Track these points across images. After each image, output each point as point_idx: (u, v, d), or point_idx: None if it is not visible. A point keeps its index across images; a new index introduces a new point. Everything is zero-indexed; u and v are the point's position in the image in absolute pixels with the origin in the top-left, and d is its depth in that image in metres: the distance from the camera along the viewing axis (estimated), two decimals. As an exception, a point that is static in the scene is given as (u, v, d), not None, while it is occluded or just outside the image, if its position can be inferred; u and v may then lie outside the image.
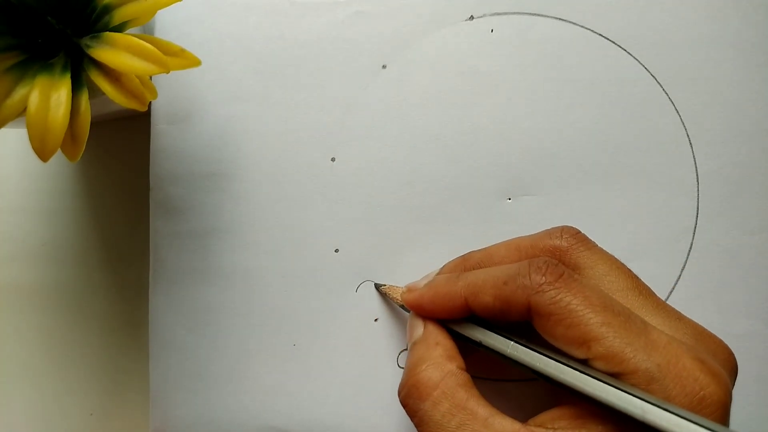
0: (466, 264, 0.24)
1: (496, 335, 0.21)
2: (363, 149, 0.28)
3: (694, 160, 0.27)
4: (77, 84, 0.21)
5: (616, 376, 0.18)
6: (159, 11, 0.28)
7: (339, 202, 0.28)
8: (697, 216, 0.27)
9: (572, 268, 0.21)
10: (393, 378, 0.27)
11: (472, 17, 0.28)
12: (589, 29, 0.28)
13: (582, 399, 0.18)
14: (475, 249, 0.25)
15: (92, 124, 0.21)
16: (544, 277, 0.19)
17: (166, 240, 0.29)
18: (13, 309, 0.33)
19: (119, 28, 0.22)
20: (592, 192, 0.27)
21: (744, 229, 0.27)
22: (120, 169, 0.33)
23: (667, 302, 0.20)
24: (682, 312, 0.21)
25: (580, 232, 0.22)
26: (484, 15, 0.28)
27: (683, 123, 0.27)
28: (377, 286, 0.27)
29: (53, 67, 0.21)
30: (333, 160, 0.28)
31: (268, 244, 0.28)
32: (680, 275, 0.27)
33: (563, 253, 0.21)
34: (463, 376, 0.21)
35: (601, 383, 0.18)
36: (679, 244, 0.27)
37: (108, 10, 0.22)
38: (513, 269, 0.20)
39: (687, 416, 0.16)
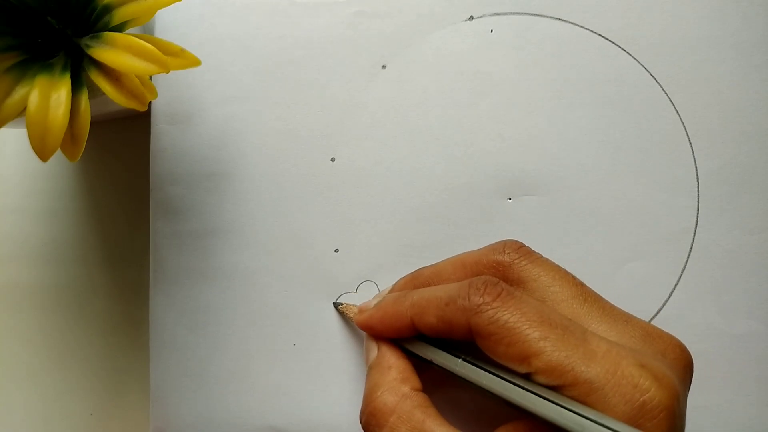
0: (415, 282, 0.25)
1: (444, 354, 0.21)
2: (363, 149, 0.28)
3: (695, 160, 0.27)
4: (77, 84, 0.21)
5: (558, 390, 0.18)
6: (159, 11, 0.28)
7: (339, 202, 0.28)
8: (697, 216, 0.27)
9: (516, 282, 0.21)
10: (393, 378, 0.27)
11: (471, 17, 0.28)
12: (589, 29, 0.28)
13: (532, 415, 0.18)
14: (454, 254, 0.25)
15: (92, 124, 0.21)
16: (482, 298, 0.19)
17: (166, 240, 0.29)
18: (13, 309, 0.33)
19: (119, 28, 0.22)
20: (592, 192, 0.27)
21: (744, 229, 0.27)
22: (120, 169, 0.33)
23: (668, 302, 0.20)
24: (683, 312, 0.21)
25: (523, 245, 0.22)
26: (484, 15, 0.28)
27: (683, 123, 0.27)
28: (336, 305, 0.28)
29: (53, 67, 0.21)
30: (333, 160, 0.28)
31: (268, 244, 0.28)
32: (681, 276, 0.27)
33: (506, 268, 0.22)
34: (419, 397, 0.21)
35: (542, 399, 0.18)
36: (679, 245, 0.27)
37: (108, 10, 0.22)
38: (454, 290, 0.21)
39: (621, 429, 0.16)
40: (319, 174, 0.28)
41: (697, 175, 0.27)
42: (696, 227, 0.27)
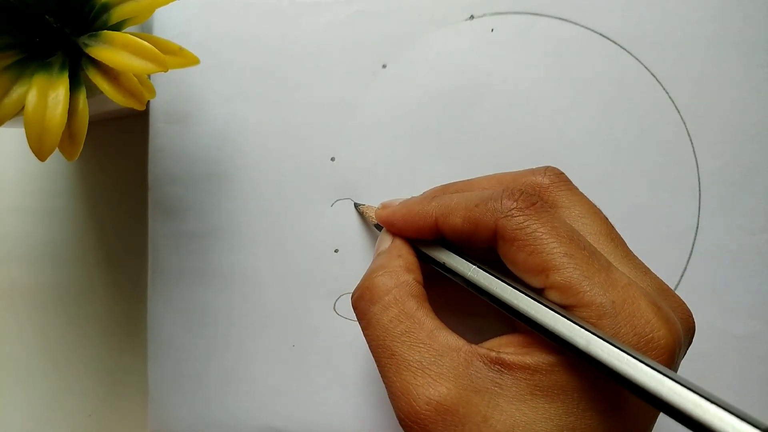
0: (445, 190, 0.24)
1: (458, 258, 0.21)
2: (363, 149, 0.28)
3: (696, 160, 0.27)
4: (75, 83, 0.21)
5: (568, 309, 0.18)
6: (157, 10, 0.27)
7: (339, 202, 0.28)
8: (698, 216, 0.27)
9: (550, 205, 0.21)
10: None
11: (472, 17, 0.28)
12: (589, 29, 0.28)
13: (532, 329, 0.18)
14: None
15: (90, 123, 0.21)
16: (515, 203, 0.19)
17: (164, 240, 0.29)
18: (11, 309, 0.33)
19: (117, 27, 0.22)
20: (592, 192, 0.27)
21: (746, 229, 0.27)
22: (118, 168, 0.33)
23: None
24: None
25: (563, 173, 0.22)
26: (485, 14, 0.28)
27: (684, 122, 0.27)
28: (356, 206, 0.28)
29: (51, 66, 0.21)
30: (333, 159, 0.28)
31: (267, 245, 0.28)
32: (682, 276, 0.27)
33: (543, 189, 0.22)
34: (417, 288, 0.21)
35: (551, 311, 0.18)
36: (680, 244, 0.27)
37: (106, 8, 0.22)
38: (486, 193, 0.20)
39: (630, 351, 0.16)
40: (319, 174, 0.28)
41: (698, 174, 0.27)
42: (697, 227, 0.27)
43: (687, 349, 0.20)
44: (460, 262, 0.21)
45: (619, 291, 0.18)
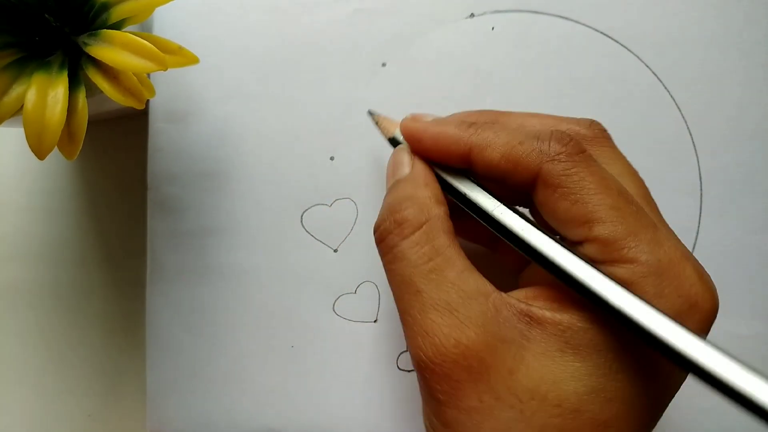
0: (480, 117, 0.22)
1: (486, 193, 0.19)
2: (362, 148, 0.28)
3: (697, 159, 0.27)
4: (74, 82, 0.21)
5: (608, 264, 0.17)
6: (157, 9, 0.27)
7: (338, 201, 0.28)
8: (700, 216, 0.27)
9: None
10: (392, 379, 0.27)
11: (472, 15, 0.28)
12: (590, 27, 0.28)
13: (564, 282, 0.17)
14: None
15: (90, 122, 0.21)
16: (564, 147, 0.18)
17: (163, 239, 0.29)
18: (9, 308, 0.33)
19: (117, 26, 0.22)
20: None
21: (747, 228, 0.26)
22: (117, 168, 0.32)
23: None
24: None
25: (606, 130, 0.21)
26: (485, 13, 0.28)
27: (686, 122, 0.27)
28: (371, 113, 0.25)
29: (50, 65, 0.21)
30: (332, 158, 0.28)
31: (266, 244, 0.28)
32: (683, 275, 0.27)
33: (587, 141, 0.20)
34: (448, 224, 0.19)
35: (587, 265, 0.17)
36: (681, 244, 0.27)
37: (106, 7, 0.22)
38: (533, 132, 0.19)
39: (665, 313, 0.15)
40: (319, 173, 0.28)
41: (699, 174, 0.27)
42: (699, 227, 0.27)
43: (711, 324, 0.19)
44: (487, 199, 0.19)
45: (666, 251, 0.17)
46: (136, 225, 0.32)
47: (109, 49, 0.20)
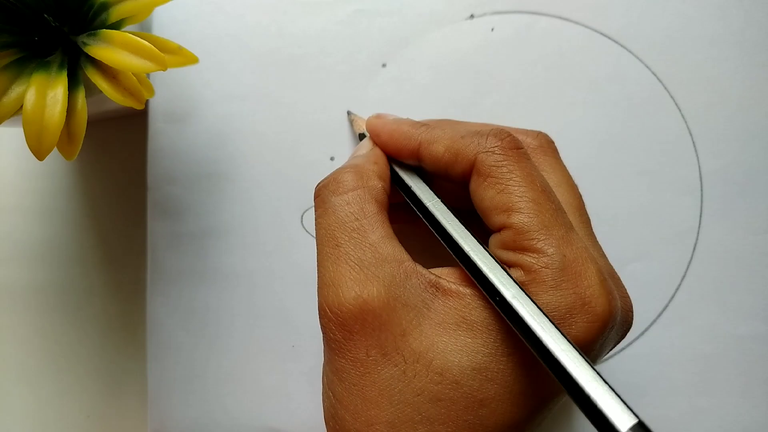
0: (437, 122, 0.24)
1: (426, 187, 0.22)
2: (363, 148, 0.28)
3: (698, 160, 0.27)
4: (74, 82, 0.21)
5: (518, 252, 0.18)
6: (157, 8, 0.27)
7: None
8: (700, 216, 0.27)
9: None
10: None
11: (472, 16, 0.28)
12: (590, 28, 0.28)
13: (467, 270, 0.19)
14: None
15: (89, 122, 0.21)
16: (500, 142, 0.19)
17: (163, 240, 0.29)
18: (9, 309, 0.33)
19: (116, 26, 0.22)
20: (593, 192, 0.27)
21: (748, 229, 0.26)
22: (117, 168, 0.32)
23: (671, 303, 0.20)
24: (686, 314, 0.20)
25: (553, 142, 0.23)
26: (485, 14, 0.28)
27: (686, 122, 0.27)
28: (348, 113, 0.28)
29: (50, 65, 0.21)
30: (332, 159, 0.28)
31: (266, 245, 0.28)
32: (684, 276, 0.27)
33: (531, 149, 0.22)
34: (382, 196, 0.21)
35: (491, 258, 0.18)
36: (682, 245, 0.27)
37: (105, 7, 0.22)
38: (475, 129, 0.21)
39: (548, 316, 0.16)
40: (319, 173, 0.28)
41: (700, 174, 0.27)
42: (699, 227, 0.27)
43: (619, 340, 0.20)
44: (425, 192, 0.21)
45: (573, 250, 0.18)
46: (136, 225, 0.32)
47: (109, 49, 0.20)
